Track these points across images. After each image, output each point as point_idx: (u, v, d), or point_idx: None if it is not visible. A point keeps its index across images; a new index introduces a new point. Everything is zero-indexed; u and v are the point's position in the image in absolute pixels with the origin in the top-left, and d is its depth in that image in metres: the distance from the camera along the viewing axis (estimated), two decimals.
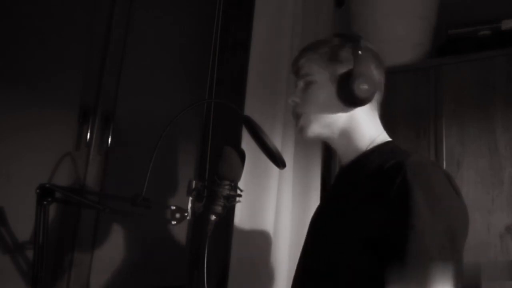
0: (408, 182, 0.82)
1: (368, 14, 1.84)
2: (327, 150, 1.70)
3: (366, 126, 1.02)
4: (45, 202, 1.05)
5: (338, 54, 1.03)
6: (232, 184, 0.98)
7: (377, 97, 1.03)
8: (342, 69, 1.01)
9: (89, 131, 1.38)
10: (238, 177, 1.00)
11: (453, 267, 0.78)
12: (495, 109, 1.53)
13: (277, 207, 1.51)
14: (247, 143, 1.40)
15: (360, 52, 1.00)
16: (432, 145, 1.61)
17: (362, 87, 0.97)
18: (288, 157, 1.54)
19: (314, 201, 1.59)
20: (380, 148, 1.00)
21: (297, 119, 1.06)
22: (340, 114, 1.01)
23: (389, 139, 1.04)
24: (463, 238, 0.84)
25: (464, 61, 1.64)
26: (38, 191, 1.06)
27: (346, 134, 1.02)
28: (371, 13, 1.83)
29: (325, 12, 1.82)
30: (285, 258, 1.50)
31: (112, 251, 1.42)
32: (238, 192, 0.99)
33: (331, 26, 1.82)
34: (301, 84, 1.06)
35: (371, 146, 1.01)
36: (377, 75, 1.03)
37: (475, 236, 1.46)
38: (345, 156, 1.05)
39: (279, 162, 1.03)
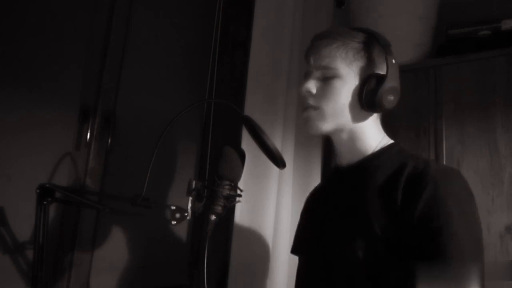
0: (439, 192, 0.87)
1: (368, 14, 1.83)
2: (327, 150, 1.70)
3: (374, 128, 1.02)
4: (45, 202, 1.06)
5: (369, 52, 0.98)
6: (232, 184, 0.97)
7: None
8: (370, 70, 0.98)
9: (89, 131, 1.38)
10: (238, 177, 0.99)
11: (481, 267, 0.83)
12: (495, 109, 1.53)
13: (277, 207, 1.51)
14: (247, 143, 1.40)
15: (393, 61, 0.96)
16: (432, 145, 1.61)
17: (389, 98, 0.96)
18: (288, 157, 1.54)
19: None
20: (388, 151, 1.01)
21: (308, 111, 1.00)
22: (355, 113, 0.99)
23: (392, 141, 1.04)
24: (483, 240, 0.89)
25: (464, 61, 1.63)
26: (38, 191, 1.06)
27: (355, 135, 1.01)
28: (371, 13, 1.82)
29: (325, 12, 1.81)
30: (285, 258, 1.50)
31: (112, 251, 1.42)
32: (238, 192, 0.99)
33: (331, 26, 1.82)
34: (316, 74, 1.00)
35: (378, 148, 1.01)
36: (399, 86, 0.99)
37: None
38: (347, 156, 1.03)
39: (279, 162, 1.03)
